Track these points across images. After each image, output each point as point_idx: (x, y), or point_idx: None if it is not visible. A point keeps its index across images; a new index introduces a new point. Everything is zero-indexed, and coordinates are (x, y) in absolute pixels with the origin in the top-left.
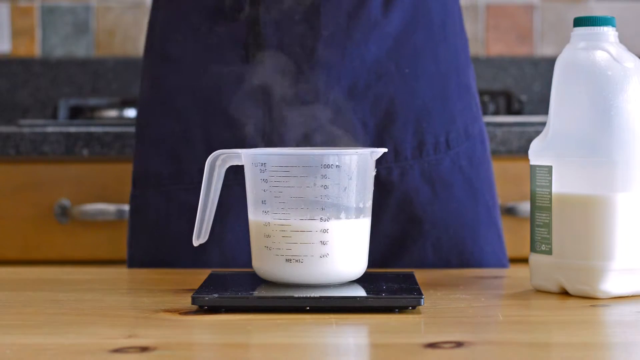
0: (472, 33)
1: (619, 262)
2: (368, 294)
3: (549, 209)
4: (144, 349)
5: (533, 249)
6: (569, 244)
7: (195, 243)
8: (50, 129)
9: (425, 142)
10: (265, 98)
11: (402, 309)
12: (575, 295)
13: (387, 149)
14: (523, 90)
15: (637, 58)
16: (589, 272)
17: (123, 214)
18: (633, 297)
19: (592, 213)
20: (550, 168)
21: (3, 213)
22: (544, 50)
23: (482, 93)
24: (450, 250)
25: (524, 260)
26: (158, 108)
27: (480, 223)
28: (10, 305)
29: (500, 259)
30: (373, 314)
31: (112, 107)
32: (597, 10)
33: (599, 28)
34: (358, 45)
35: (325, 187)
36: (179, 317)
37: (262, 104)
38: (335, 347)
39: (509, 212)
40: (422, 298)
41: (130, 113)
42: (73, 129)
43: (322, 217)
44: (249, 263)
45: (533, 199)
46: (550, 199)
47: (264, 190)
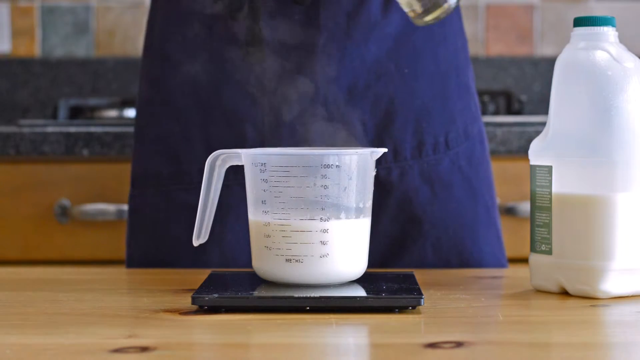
0: (472, 33)
1: (619, 262)
2: (368, 294)
3: (549, 209)
4: (144, 349)
5: (533, 249)
6: (569, 244)
7: (195, 243)
8: (50, 129)
9: (425, 142)
10: (265, 98)
11: (402, 309)
12: (575, 295)
13: (387, 149)
14: (523, 90)
15: (637, 58)
16: (589, 272)
17: (123, 214)
18: (633, 297)
19: (592, 213)
20: (550, 168)
21: (3, 213)
22: (544, 50)
23: (482, 93)
24: (450, 250)
25: (524, 260)
26: (157, 108)
27: (480, 223)
28: (10, 305)
29: (499, 259)
30: (373, 314)
31: (112, 107)
32: (597, 10)
33: (599, 28)
34: (358, 45)
35: (325, 187)
36: (179, 317)
37: (261, 104)
38: (335, 347)
39: (509, 212)
40: (422, 298)
41: (130, 113)
42: (73, 129)
43: (322, 217)
44: (249, 263)
45: (533, 199)
46: (550, 199)
47: (264, 190)
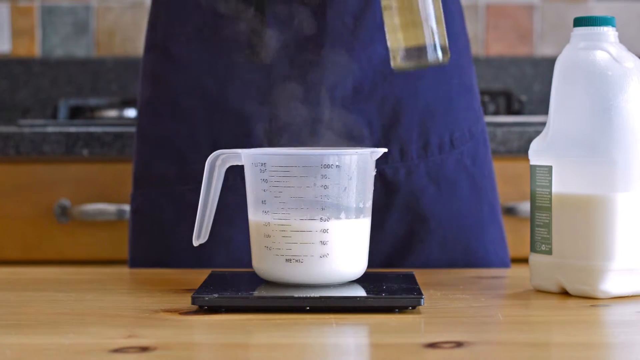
0: (472, 33)
1: (619, 262)
2: (368, 294)
3: (549, 209)
4: (144, 349)
5: (533, 249)
6: (569, 244)
7: (195, 243)
8: (50, 129)
9: (430, 141)
10: (271, 98)
11: (402, 309)
12: (575, 295)
13: (387, 149)
14: (523, 90)
15: (637, 58)
16: (589, 272)
17: (123, 214)
18: (633, 297)
19: (592, 213)
20: (550, 168)
21: (3, 213)
22: (544, 50)
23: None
24: (456, 249)
25: (524, 260)
26: (161, 108)
27: (484, 222)
28: (10, 305)
29: (503, 258)
30: (373, 314)
31: (112, 107)
32: (597, 10)
33: (599, 28)
34: (364, 46)
35: (325, 187)
36: (179, 317)
37: (267, 104)
38: (335, 347)
39: (509, 212)
40: (422, 298)
41: (130, 113)
42: (73, 129)
43: (322, 217)
44: None
45: (533, 199)
46: (550, 199)
47: (264, 190)
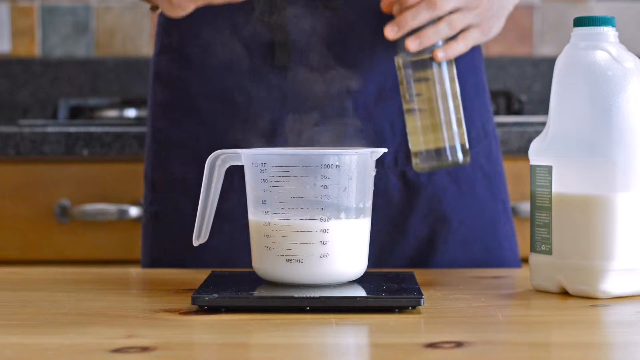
0: None
1: (619, 262)
2: (368, 294)
3: (549, 209)
4: (144, 349)
5: (533, 249)
6: (569, 244)
7: (195, 243)
8: (50, 129)
9: None
10: (293, 101)
11: (402, 309)
12: (575, 295)
13: (386, 149)
14: (523, 90)
15: (637, 58)
16: (589, 272)
17: (123, 214)
18: (633, 297)
19: (592, 213)
20: (550, 168)
21: (3, 213)
22: (544, 50)
23: None
24: (477, 248)
25: (524, 260)
26: (180, 112)
27: (499, 219)
28: (10, 305)
29: (516, 254)
30: (373, 314)
31: (112, 107)
32: (597, 10)
33: (599, 28)
34: (387, 47)
35: (325, 187)
36: (179, 317)
37: (288, 107)
38: (335, 347)
39: None
40: (422, 298)
41: (130, 113)
42: (73, 129)
43: (322, 217)
44: None
45: (533, 199)
46: (550, 199)
47: (264, 190)
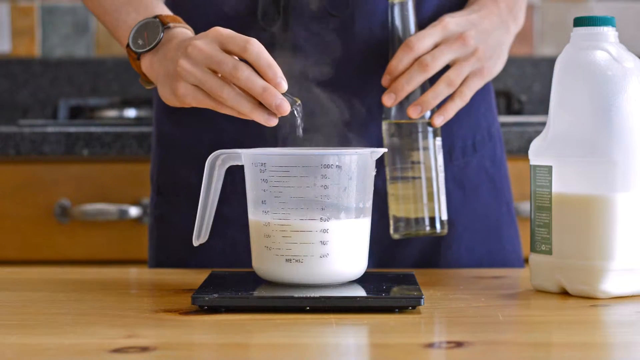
0: None
1: (619, 262)
2: (368, 294)
3: (549, 209)
4: (144, 349)
5: (533, 249)
6: (569, 244)
7: (195, 243)
8: (50, 129)
9: (455, 146)
10: (298, 107)
11: (402, 309)
12: (575, 295)
13: (386, 149)
14: (523, 90)
15: (637, 58)
16: (589, 272)
17: (123, 214)
18: (633, 297)
19: (592, 213)
20: (550, 168)
21: (3, 213)
22: (544, 50)
23: None
24: (481, 252)
25: (525, 260)
26: (184, 115)
27: (503, 222)
28: (10, 305)
29: (519, 256)
30: (373, 314)
31: (112, 107)
32: (597, 10)
33: (599, 28)
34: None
35: (325, 187)
36: (179, 317)
37: (295, 113)
38: (335, 347)
39: None
40: (422, 298)
41: (130, 113)
42: (73, 129)
43: (322, 217)
44: None
45: (533, 199)
46: (550, 199)
47: (264, 190)
